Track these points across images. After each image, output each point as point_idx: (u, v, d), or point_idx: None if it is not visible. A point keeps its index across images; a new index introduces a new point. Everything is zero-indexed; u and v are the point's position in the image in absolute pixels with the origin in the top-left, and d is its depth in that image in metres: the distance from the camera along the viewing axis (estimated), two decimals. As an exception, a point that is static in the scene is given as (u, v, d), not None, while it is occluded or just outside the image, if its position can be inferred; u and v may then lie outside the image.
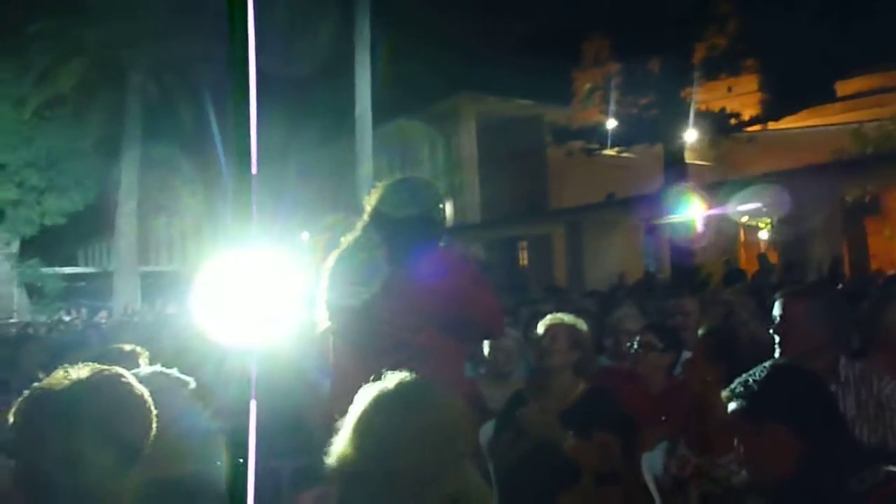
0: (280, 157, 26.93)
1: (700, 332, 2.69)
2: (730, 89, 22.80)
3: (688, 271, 13.54)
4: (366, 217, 2.82)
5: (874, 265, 18.38)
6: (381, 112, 17.30)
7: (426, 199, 2.78)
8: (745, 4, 15.73)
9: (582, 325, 3.36)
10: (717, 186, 17.61)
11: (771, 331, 2.88)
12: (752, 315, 4.63)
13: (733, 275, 11.00)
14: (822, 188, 16.00)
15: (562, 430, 2.87)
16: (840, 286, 8.36)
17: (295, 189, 29.29)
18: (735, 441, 1.81)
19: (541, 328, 3.34)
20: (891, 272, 12.77)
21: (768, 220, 27.37)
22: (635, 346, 3.60)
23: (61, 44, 20.63)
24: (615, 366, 3.98)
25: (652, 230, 23.95)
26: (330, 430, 1.82)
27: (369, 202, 2.87)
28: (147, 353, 3.10)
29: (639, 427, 3.14)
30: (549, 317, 3.39)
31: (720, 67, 17.09)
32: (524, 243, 24.82)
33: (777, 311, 2.87)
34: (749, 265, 19.13)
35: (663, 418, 3.32)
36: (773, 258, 23.25)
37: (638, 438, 3.06)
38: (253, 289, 1.31)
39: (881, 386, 2.72)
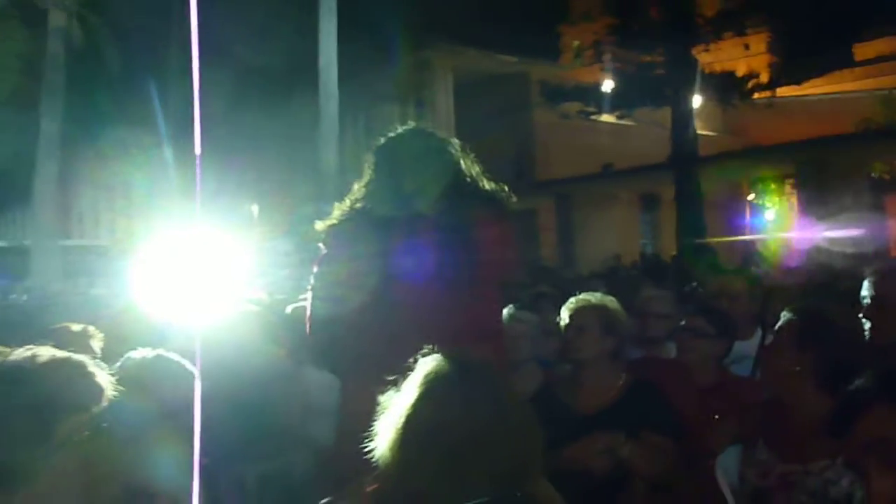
0: (228, 119, 26.55)
1: (786, 313, 2.51)
2: (747, 47, 22.86)
3: (698, 253, 13.51)
4: (358, 197, 2.51)
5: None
6: (347, 67, 17.03)
7: (420, 184, 2.46)
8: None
9: (614, 304, 3.19)
10: (728, 158, 17.70)
11: (861, 314, 2.76)
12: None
13: (752, 259, 10.97)
14: (847, 161, 16.14)
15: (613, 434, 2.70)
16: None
17: (244, 154, 28.93)
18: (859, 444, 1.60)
19: (566, 314, 3.15)
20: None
21: (777, 199, 27.75)
22: (681, 332, 3.44)
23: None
24: (653, 355, 3.81)
25: (651, 206, 24.07)
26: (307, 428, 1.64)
27: (365, 174, 2.55)
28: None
29: (687, 427, 2.98)
30: (574, 299, 3.20)
31: (727, 25, 17.12)
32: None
33: (867, 291, 2.75)
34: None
35: (716, 417, 3.16)
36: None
37: (691, 440, 2.89)
38: (194, 266, 1.29)
39: None
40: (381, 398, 1.62)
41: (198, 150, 1.13)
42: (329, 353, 2.44)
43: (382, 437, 1.58)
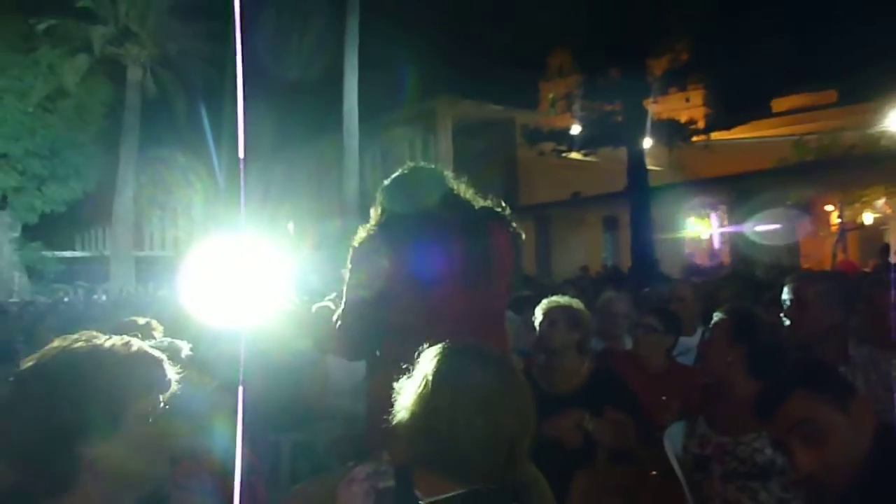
0: (270, 152, 26.61)
1: (719, 313, 2.47)
2: (688, 100, 22.88)
3: (648, 265, 13.45)
4: (374, 217, 2.42)
5: (804, 265, 18.49)
6: (366, 111, 17.04)
7: (426, 192, 2.32)
8: (696, 24, 15.77)
9: (579, 305, 3.14)
10: (672, 188, 17.62)
11: (782, 314, 2.71)
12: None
13: (693, 268, 10.89)
14: (768, 193, 16.10)
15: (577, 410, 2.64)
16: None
17: (282, 181, 28.95)
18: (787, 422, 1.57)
19: (539, 311, 3.11)
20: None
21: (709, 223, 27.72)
22: (636, 329, 3.40)
23: (66, 40, 20.26)
24: (613, 347, 3.77)
25: (611, 227, 24.01)
26: (328, 406, 1.57)
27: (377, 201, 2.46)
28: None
29: (642, 407, 2.94)
30: (546, 300, 3.16)
31: (672, 81, 17.18)
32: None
33: (788, 294, 2.71)
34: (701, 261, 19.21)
35: (664, 398, 3.12)
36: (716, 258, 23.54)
37: (644, 417, 2.85)
38: (241, 273, 1.28)
39: (889, 368, 2.56)
40: (397, 385, 1.52)
41: (241, 154, 1.12)
42: (354, 345, 2.33)
43: (405, 402, 1.46)
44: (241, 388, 1.18)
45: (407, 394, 1.47)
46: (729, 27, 15.23)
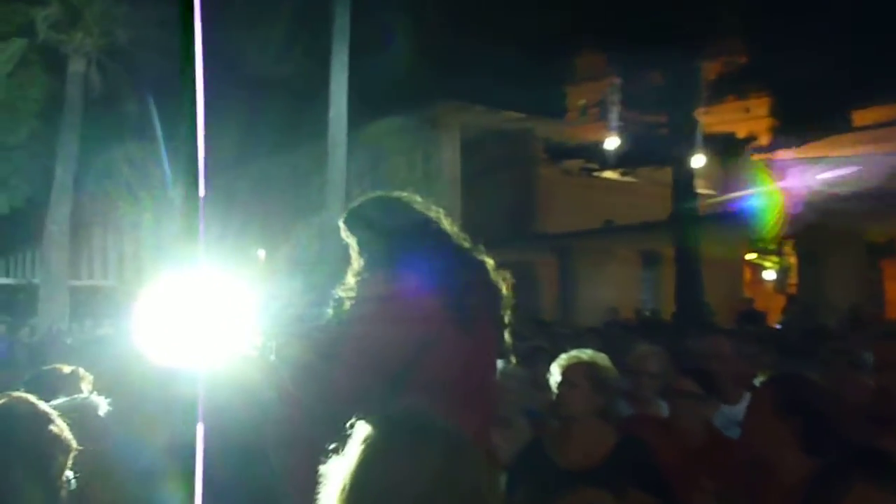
0: (236, 164, 26.74)
1: (763, 379, 2.51)
2: (748, 110, 23.04)
3: (695, 312, 13.46)
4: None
5: (890, 313, 18.48)
6: (355, 118, 17.18)
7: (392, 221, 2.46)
8: (757, 19, 15.92)
9: (605, 361, 3.19)
10: (728, 217, 17.64)
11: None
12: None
13: (750, 316, 10.91)
14: (847, 224, 16.12)
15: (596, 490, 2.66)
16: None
17: (250, 201, 29.07)
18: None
19: (556, 369, 3.15)
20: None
21: (777, 259, 27.72)
22: (671, 394, 3.43)
23: (2, 21, 20.35)
24: (644, 413, 3.80)
25: (651, 263, 24.04)
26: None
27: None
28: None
29: (675, 488, 2.97)
30: (565, 355, 3.21)
31: (728, 87, 17.28)
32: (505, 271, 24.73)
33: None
34: (758, 306, 19.18)
35: (704, 479, 3.14)
36: (780, 301, 23.52)
37: (677, 501, 2.88)
38: (200, 311, 1.30)
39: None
40: (323, 468, 1.49)
41: (202, 191, 1.16)
42: (356, 395, 2.37)
43: None
44: (199, 449, 1.21)
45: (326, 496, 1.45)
46: (797, 22, 15.40)
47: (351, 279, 2.51)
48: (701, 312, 13.67)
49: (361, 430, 1.48)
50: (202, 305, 1.29)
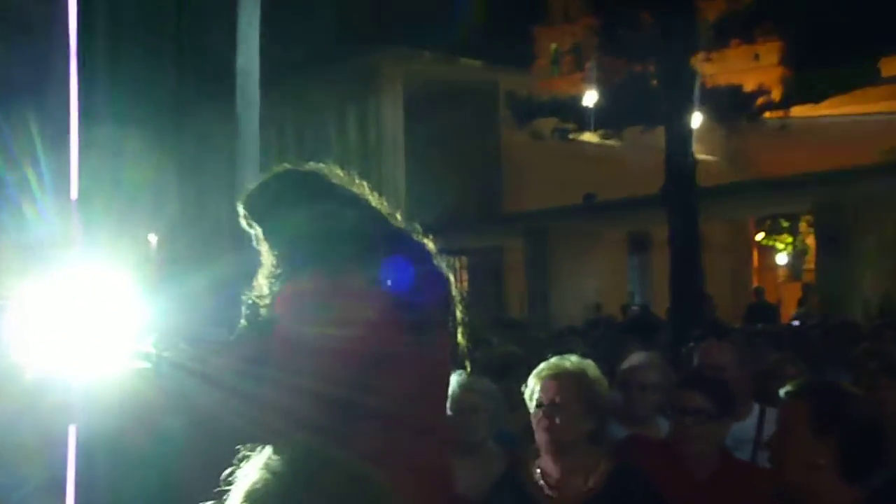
0: (120, 129, 26.37)
1: (791, 389, 2.50)
2: (756, 57, 23.33)
3: (694, 306, 13.57)
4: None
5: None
6: (273, 68, 17.04)
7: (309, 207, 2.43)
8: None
9: (594, 371, 3.19)
10: (732, 190, 17.86)
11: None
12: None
13: (761, 310, 11.10)
14: (871, 198, 16.44)
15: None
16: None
17: (141, 172, 28.71)
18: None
19: (535, 381, 3.13)
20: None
21: (790, 240, 28.25)
22: (675, 412, 3.42)
23: None
24: (640, 435, 3.80)
25: (640, 247, 24.32)
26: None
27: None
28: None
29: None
30: (545, 365, 3.18)
31: (733, 30, 17.41)
32: (464, 259, 24.79)
33: None
34: (770, 297, 19.53)
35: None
36: (794, 290, 23.97)
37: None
38: (75, 314, 1.36)
39: None
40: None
41: (74, 193, 1.23)
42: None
43: None
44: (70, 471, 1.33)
45: None
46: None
47: (262, 280, 2.46)
48: (701, 307, 13.80)
49: (256, 464, 1.47)
50: (81, 307, 1.36)
